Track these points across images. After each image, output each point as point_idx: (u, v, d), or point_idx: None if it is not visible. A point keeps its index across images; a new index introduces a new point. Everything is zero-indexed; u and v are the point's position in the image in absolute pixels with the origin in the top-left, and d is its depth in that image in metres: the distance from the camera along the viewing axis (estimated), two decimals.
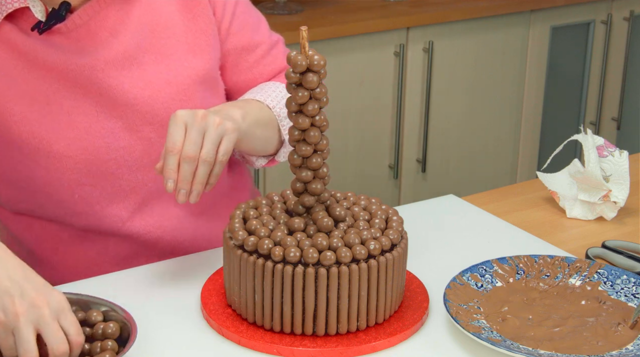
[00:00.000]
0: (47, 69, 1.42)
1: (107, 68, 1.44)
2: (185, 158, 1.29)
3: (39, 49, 1.41)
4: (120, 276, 1.44)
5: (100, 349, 1.20)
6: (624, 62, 3.48)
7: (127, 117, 1.46)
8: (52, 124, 1.43)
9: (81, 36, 1.43)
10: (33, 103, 1.42)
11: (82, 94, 1.43)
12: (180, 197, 1.31)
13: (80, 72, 1.43)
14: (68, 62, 1.42)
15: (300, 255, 1.23)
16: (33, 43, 1.41)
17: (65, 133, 1.43)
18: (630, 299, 1.35)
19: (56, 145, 1.43)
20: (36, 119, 1.42)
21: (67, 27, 1.42)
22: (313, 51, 1.24)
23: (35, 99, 1.42)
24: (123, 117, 1.46)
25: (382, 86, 3.01)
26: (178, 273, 1.45)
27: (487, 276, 1.39)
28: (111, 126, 1.46)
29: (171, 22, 1.49)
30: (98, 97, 1.44)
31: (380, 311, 1.28)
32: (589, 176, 1.62)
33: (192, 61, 1.50)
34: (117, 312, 1.23)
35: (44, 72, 1.42)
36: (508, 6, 3.13)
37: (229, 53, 1.57)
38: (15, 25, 1.41)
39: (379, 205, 1.35)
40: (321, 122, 1.27)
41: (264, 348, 1.25)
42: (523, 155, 3.38)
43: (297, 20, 2.89)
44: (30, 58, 1.41)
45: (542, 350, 1.24)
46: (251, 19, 1.59)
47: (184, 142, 1.30)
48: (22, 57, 1.41)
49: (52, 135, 1.43)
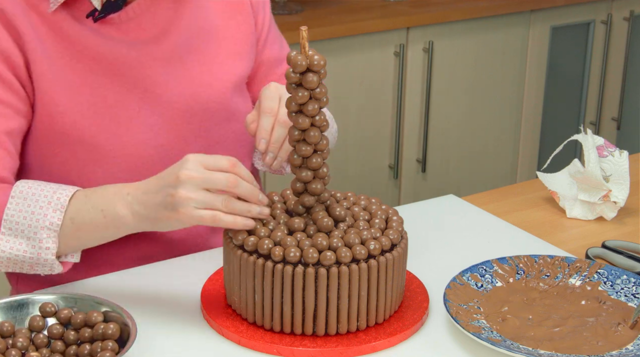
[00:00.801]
0: (96, 60, 1.43)
1: (154, 64, 1.46)
2: (281, 122, 1.36)
3: (90, 39, 1.42)
4: (120, 276, 1.44)
5: (100, 349, 1.20)
6: (624, 62, 3.48)
7: (167, 114, 1.48)
8: (95, 116, 1.43)
9: (132, 29, 1.45)
10: (77, 94, 1.42)
11: (127, 89, 1.45)
12: (268, 159, 1.36)
13: (128, 66, 1.44)
14: (117, 54, 1.43)
15: (300, 255, 1.23)
16: (85, 33, 1.42)
17: (107, 126, 1.44)
18: (630, 299, 1.35)
19: (97, 138, 1.44)
20: (79, 111, 1.42)
21: (119, 19, 1.44)
22: (313, 51, 1.24)
23: (80, 90, 1.42)
24: (164, 114, 1.47)
25: (382, 86, 3.01)
26: (178, 273, 1.45)
27: (487, 276, 1.39)
28: (151, 123, 1.47)
29: (217, 27, 1.53)
30: (142, 93, 1.46)
31: (380, 311, 1.28)
32: (589, 176, 1.62)
33: (232, 66, 1.54)
34: (117, 312, 1.23)
35: (92, 64, 1.43)
36: (508, 6, 3.13)
37: (263, 63, 1.62)
38: (69, 13, 1.42)
39: (379, 205, 1.35)
40: (321, 122, 1.27)
41: (264, 348, 1.25)
42: (523, 155, 3.38)
43: (297, 20, 2.89)
44: (79, 48, 1.42)
45: (542, 350, 1.24)
46: (278, 33, 1.67)
47: (279, 108, 1.37)
48: (72, 46, 1.42)
49: (94, 127, 1.43)
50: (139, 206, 1.28)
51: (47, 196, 1.32)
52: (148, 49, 1.46)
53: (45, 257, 1.32)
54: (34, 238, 1.31)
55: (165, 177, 1.26)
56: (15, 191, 1.33)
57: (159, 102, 1.47)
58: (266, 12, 1.61)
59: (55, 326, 1.25)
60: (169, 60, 1.47)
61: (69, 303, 1.26)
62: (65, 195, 1.32)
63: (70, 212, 1.31)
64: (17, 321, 1.26)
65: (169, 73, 1.47)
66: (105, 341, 1.21)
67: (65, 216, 1.31)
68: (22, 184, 1.35)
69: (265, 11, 1.61)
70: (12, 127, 1.39)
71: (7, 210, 1.32)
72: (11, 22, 1.38)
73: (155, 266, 1.47)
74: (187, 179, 1.23)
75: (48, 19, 1.41)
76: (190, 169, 1.23)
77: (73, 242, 1.33)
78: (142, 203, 1.28)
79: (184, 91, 1.48)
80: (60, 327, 1.25)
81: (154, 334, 1.28)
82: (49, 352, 1.24)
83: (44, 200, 1.32)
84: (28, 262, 1.33)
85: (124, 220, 1.29)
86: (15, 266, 1.34)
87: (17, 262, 1.33)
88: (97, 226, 1.31)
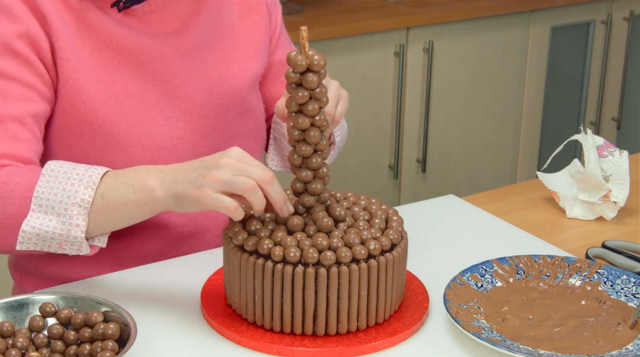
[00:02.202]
0: (118, 50, 1.44)
1: (175, 57, 1.48)
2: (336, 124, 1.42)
3: (112, 29, 1.44)
4: (120, 276, 1.44)
5: (100, 349, 1.20)
6: (624, 62, 3.48)
7: (185, 107, 1.49)
8: (115, 105, 1.44)
9: (154, 21, 1.47)
10: (99, 83, 1.43)
11: (147, 79, 1.46)
12: None
13: (149, 56, 1.46)
14: (139, 45, 1.45)
15: (300, 255, 1.23)
16: (108, 22, 1.43)
17: (126, 116, 1.45)
18: (630, 299, 1.35)
19: (116, 127, 1.44)
20: (100, 99, 1.43)
21: (142, 10, 1.46)
22: (313, 51, 1.24)
23: (101, 79, 1.44)
24: (181, 107, 1.49)
25: (382, 86, 3.01)
26: (178, 273, 1.45)
27: (487, 276, 1.39)
28: (169, 114, 1.48)
29: (234, 24, 1.56)
30: (161, 84, 1.47)
31: (380, 311, 1.28)
32: (589, 176, 1.62)
33: (247, 64, 1.56)
34: (117, 312, 1.23)
35: (115, 53, 1.44)
36: (508, 6, 3.13)
37: (274, 64, 1.64)
38: (93, 2, 1.43)
39: (379, 205, 1.35)
40: (321, 122, 1.27)
41: (264, 348, 1.25)
42: (523, 155, 3.38)
43: (297, 20, 2.90)
44: (103, 37, 1.43)
45: (542, 350, 1.24)
46: (287, 35, 1.68)
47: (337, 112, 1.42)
48: (95, 35, 1.43)
49: (114, 116, 1.44)
50: (170, 181, 1.28)
51: (79, 174, 1.32)
52: (169, 42, 1.48)
53: (75, 235, 1.31)
54: (64, 214, 1.30)
55: (206, 159, 1.28)
56: (46, 169, 1.33)
57: (177, 94, 1.49)
58: (278, 13, 1.64)
59: (55, 326, 1.25)
60: (188, 54, 1.49)
61: (69, 303, 1.26)
62: (97, 173, 1.32)
63: (101, 189, 1.31)
64: (17, 321, 1.26)
65: (187, 67, 1.49)
66: (105, 341, 1.21)
67: (96, 193, 1.31)
68: (53, 163, 1.34)
69: (277, 12, 1.63)
70: (38, 111, 1.40)
71: (37, 187, 1.31)
72: (38, 7, 1.39)
73: (155, 265, 1.47)
74: (225, 164, 1.25)
75: (73, 8, 1.42)
76: (232, 157, 1.26)
77: (103, 220, 1.32)
78: (174, 179, 1.28)
79: (201, 86, 1.50)
80: (60, 327, 1.25)
81: (154, 334, 1.28)
82: (49, 352, 1.24)
83: (76, 177, 1.31)
84: (57, 239, 1.32)
85: (153, 194, 1.29)
86: (44, 244, 1.33)
87: (47, 239, 1.32)
88: (127, 201, 1.30)
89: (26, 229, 1.30)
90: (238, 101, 1.55)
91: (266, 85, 1.65)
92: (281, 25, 1.65)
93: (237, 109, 1.55)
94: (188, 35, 1.50)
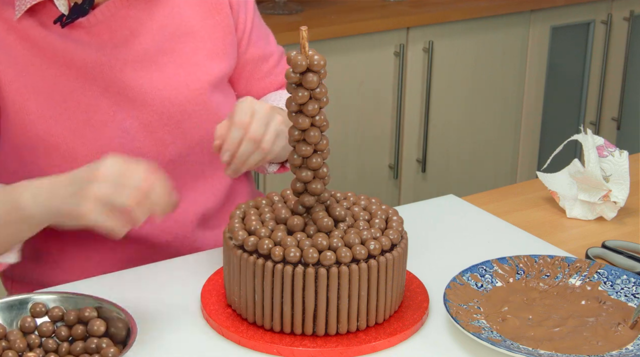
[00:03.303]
0: (67, 66, 1.42)
1: (127, 67, 1.45)
2: (250, 138, 1.32)
3: (58, 44, 1.41)
4: (120, 276, 1.44)
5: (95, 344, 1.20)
6: (624, 62, 3.48)
7: (143, 117, 1.47)
8: (68, 122, 1.43)
9: (102, 32, 1.43)
10: (49, 100, 1.42)
11: (100, 92, 1.44)
12: (229, 172, 1.34)
13: (100, 69, 1.43)
14: (88, 59, 1.42)
15: (300, 255, 1.23)
16: (53, 38, 1.41)
17: (81, 131, 1.43)
18: (630, 299, 1.35)
19: (72, 144, 1.43)
20: (52, 117, 1.42)
21: (89, 22, 1.42)
22: (313, 51, 1.24)
23: (51, 96, 1.42)
24: (139, 117, 1.46)
25: (382, 86, 3.01)
26: (178, 273, 1.45)
27: (487, 276, 1.39)
28: (127, 126, 1.46)
29: (192, 27, 1.51)
30: (116, 96, 1.45)
31: (380, 311, 1.28)
32: (589, 176, 1.62)
33: (210, 66, 1.52)
34: (118, 312, 1.23)
35: (63, 69, 1.42)
36: (508, 6, 3.13)
37: (248, 62, 1.61)
38: (36, 19, 1.41)
39: (379, 205, 1.35)
40: (321, 122, 1.27)
41: (264, 348, 1.25)
42: (523, 155, 3.38)
43: (297, 20, 2.89)
44: (48, 54, 1.41)
45: (542, 350, 1.24)
46: (264, 29, 1.65)
47: (250, 123, 1.33)
48: (41, 52, 1.41)
49: (67, 133, 1.43)
50: (46, 198, 1.26)
51: None
52: (119, 52, 1.44)
53: None
54: None
55: (81, 171, 1.24)
56: None
57: (133, 105, 1.46)
58: (248, 11, 1.59)
59: (46, 324, 1.25)
60: (141, 62, 1.46)
61: (69, 303, 1.26)
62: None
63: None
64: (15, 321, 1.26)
65: (142, 75, 1.46)
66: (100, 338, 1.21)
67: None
68: None
69: (247, 10, 1.59)
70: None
71: None
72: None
73: (155, 266, 1.47)
74: (102, 177, 1.21)
75: (14, 27, 1.40)
76: (107, 167, 1.21)
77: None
78: (51, 195, 1.25)
79: (159, 93, 1.47)
80: (50, 324, 1.25)
81: (154, 334, 1.28)
82: (43, 352, 1.23)
83: None
84: None
85: (24, 212, 1.27)
86: None
87: None
88: (7, 220, 1.30)
89: None
90: (202, 106, 1.51)
91: (241, 83, 1.62)
92: (252, 22, 1.60)
93: (202, 113, 1.51)
94: (140, 43, 1.46)
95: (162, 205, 1.22)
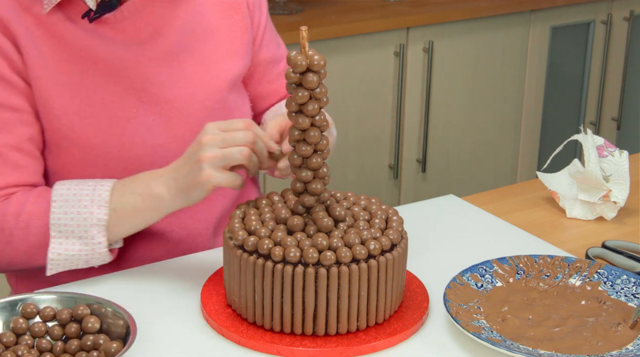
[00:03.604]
0: (92, 62, 1.43)
1: (151, 64, 1.46)
2: None
3: (85, 40, 1.42)
4: (121, 276, 1.44)
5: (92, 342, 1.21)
6: (624, 62, 3.48)
7: (165, 114, 1.48)
8: (92, 118, 1.44)
9: (127, 29, 1.45)
10: (74, 96, 1.43)
11: (124, 89, 1.45)
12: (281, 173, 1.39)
13: (124, 66, 1.44)
14: (113, 55, 1.44)
15: (300, 255, 1.23)
16: (80, 34, 1.42)
17: (104, 127, 1.44)
18: (630, 299, 1.35)
19: (94, 140, 1.44)
20: (76, 113, 1.43)
21: (115, 18, 1.44)
22: (313, 51, 1.24)
23: (76, 92, 1.43)
24: (161, 114, 1.48)
25: (382, 86, 3.01)
26: (178, 273, 1.45)
27: (487, 276, 1.39)
28: (149, 122, 1.47)
29: (212, 26, 1.54)
30: (139, 93, 1.46)
31: (380, 311, 1.28)
32: (589, 176, 1.62)
33: (228, 65, 1.55)
34: (118, 312, 1.23)
35: (89, 65, 1.43)
36: (508, 6, 3.13)
37: (260, 63, 1.63)
38: (64, 14, 1.42)
39: (379, 205, 1.35)
40: (321, 122, 1.27)
41: (264, 348, 1.25)
42: (523, 155, 3.38)
43: (297, 20, 2.89)
44: (75, 50, 1.42)
45: (542, 350, 1.24)
46: (275, 33, 1.68)
47: None
48: (67, 48, 1.42)
49: (91, 129, 1.44)
50: (173, 181, 1.34)
51: (89, 195, 1.38)
52: (144, 49, 1.46)
53: (99, 251, 1.39)
54: (85, 236, 1.38)
55: (190, 148, 1.34)
56: (55, 195, 1.39)
57: (156, 102, 1.47)
58: (262, 12, 1.62)
59: (38, 324, 1.25)
60: (164, 59, 1.48)
61: (69, 303, 1.26)
62: (105, 190, 1.38)
63: (113, 203, 1.38)
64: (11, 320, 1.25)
65: (165, 73, 1.48)
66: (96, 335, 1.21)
67: (109, 209, 1.38)
68: (59, 186, 1.40)
69: (261, 11, 1.61)
70: (32, 132, 1.43)
71: (52, 214, 1.38)
72: (7, 27, 1.38)
73: (155, 265, 1.47)
74: (208, 142, 1.30)
75: (42, 21, 1.41)
76: (210, 133, 1.31)
77: (119, 230, 1.39)
78: (175, 177, 1.34)
79: (180, 90, 1.49)
80: (42, 324, 1.25)
81: (154, 334, 1.28)
82: (37, 352, 1.23)
83: (87, 198, 1.38)
84: (84, 258, 1.40)
85: (161, 198, 1.36)
86: (71, 265, 1.41)
87: (74, 260, 1.40)
88: (138, 209, 1.37)
89: (53, 257, 1.38)
90: (220, 104, 1.53)
91: (252, 84, 1.64)
92: (266, 24, 1.62)
93: (220, 111, 1.53)
94: (164, 40, 1.47)
95: (266, 154, 1.32)
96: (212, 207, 1.56)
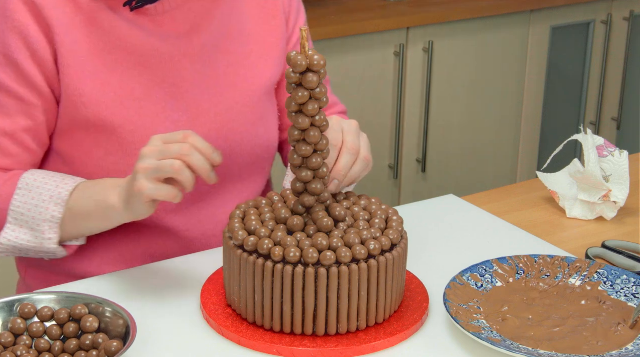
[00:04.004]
0: (128, 52, 1.43)
1: (184, 59, 1.47)
2: (350, 150, 1.36)
3: (124, 30, 1.43)
4: (120, 276, 1.44)
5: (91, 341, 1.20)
6: (624, 62, 3.48)
7: (192, 112, 1.48)
8: (121, 108, 1.44)
9: (165, 22, 1.45)
10: (105, 86, 1.43)
11: (156, 83, 1.45)
12: (333, 187, 1.35)
13: (159, 59, 1.45)
14: (150, 47, 1.44)
15: (300, 255, 1.23)
16: (119, 23, 1.43)
17: (132, 119, 1.44)
18: (630, 299, 1.35)
19: (120, 130, 1.44)
20: (104, 102, 1.43)
21: (155, 10, 1.44)
22: (313, 51, 1.24)
23: (108, 81, 1.43)
24: (188, 111, 1.48)
25: (382, 86, 3.01)
26: (178, 273, 1.45)
27: (487, 276, 1.39)
28: (176, 118, 1.47)
29: (249, 30, 1.53)
30: (171, 88, 1.46)
31: (380, 311, 1.28)
32: (589, 176, 1.62)
33: (261, 69, 1.54)
34: (117, 312, 1.23)
35: (124, 55, 1.43)
36: (508, 6, 3.13)
37: None
38: (105, 3, 1.42)
39: (379, 205, 1.35)
40: (321, 122, 1.27)
41: (264, 348, 1.25)
42: (523, 155, 3.39)
43: None
44: (112, 39, 1.43)
45: (542, 350, 1.24)
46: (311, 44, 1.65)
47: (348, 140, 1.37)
48: (105, 37, 1.42)
49: (118, 119, 1.44)
50: (125, 192, 1.34)
51: (50, 190, 1.40)
52: (180, 44, 1.46)
53: (48, 246, 1.41)
54: (37, 230, 1.40)
55: None
56: (22, 183, 1.41)
57: (184, 99, 1.48)
58: (298, 21, 1.60)
59: (36, 324, 1.25)
60: (198, 56, 1.48)
61: (69, 303, 1.26)
62: (67, 189, 1.40)
63: (69, 203, 1.39)
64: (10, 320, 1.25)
65: (196, 70, 1.48)
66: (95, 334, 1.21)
67: (65, 208, 1.39)
68: (29, 175, 1.42)
69: (298, 20, 1.60)
70: (31, 124, 1.44)
71: (13, 200, 1.40)
72: (41, 13, 1.39)
73: (155, 265, 1.47)
74: (146, 153, 1.29)
75: (84, 9, 1.42)
76: (151, 144, 1.30)
77: (72, 229, 1.41)
78: (126, 188, 1.34)
79: (209, 90, 1.49)
80: (40, 325, 1.25)
81: (154, 334, 1.28)
82: (36, 352, 1.23)
83: (47, 194, 1.40)
84: (32, 249, 1.42)
85: (113, 208, 1.36)
86: (20, 253, 1.43)
87: (23, 249, 1.42)
88: (90, 215, 1.39)
89: (3, 242, 1.41)
90: (249, 108, 1.52)
91: (281, 93, 1.63)
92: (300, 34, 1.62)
93: (249, 116, 1.52)
94: (199, 38, 1.48)
95: (205, 166, 1.28)
96: (230, 209, 1.55)
